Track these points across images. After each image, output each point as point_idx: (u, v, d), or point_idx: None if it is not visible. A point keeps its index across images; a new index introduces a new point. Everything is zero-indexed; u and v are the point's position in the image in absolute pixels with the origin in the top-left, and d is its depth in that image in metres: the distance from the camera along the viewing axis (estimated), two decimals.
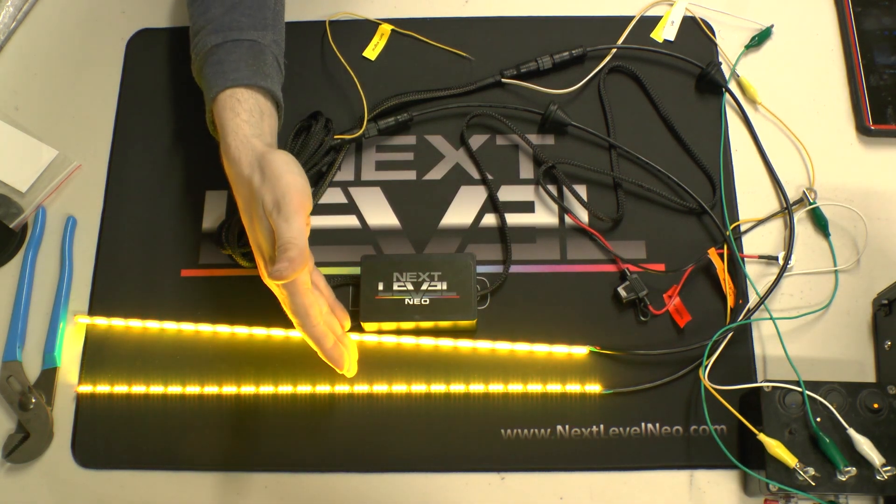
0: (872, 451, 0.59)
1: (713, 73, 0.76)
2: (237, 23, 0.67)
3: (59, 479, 0.67)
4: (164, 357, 0.69)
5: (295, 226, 0.59)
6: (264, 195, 0.60)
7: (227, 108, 0.64)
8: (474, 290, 0.67)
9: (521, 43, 0.79)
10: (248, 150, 0.62)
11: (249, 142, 0.63)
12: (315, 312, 0.61)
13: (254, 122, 0.64)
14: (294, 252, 0.57)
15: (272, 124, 0.66)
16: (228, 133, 0.63)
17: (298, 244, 0.58)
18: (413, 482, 0.66)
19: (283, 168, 0.61)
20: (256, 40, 0.67)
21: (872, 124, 0.75)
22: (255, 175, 0.61)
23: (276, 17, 0.70)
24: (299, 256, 0.57)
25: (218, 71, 0.65)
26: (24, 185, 0.74)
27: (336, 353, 0.63)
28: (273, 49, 0.68)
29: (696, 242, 0.72)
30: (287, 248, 0.58)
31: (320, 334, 0.62)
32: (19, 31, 0.82)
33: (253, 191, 0.61)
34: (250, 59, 0.66)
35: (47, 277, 0.72)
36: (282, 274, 0.57)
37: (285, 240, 0.58)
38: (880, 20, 0.80)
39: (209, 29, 0.67)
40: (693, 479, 0.66)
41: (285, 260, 0.57)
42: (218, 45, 0.66)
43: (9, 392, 0.68)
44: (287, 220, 0.59)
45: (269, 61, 0.67)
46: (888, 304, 0.67)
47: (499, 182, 0.75)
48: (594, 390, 0.67)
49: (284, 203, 0.59)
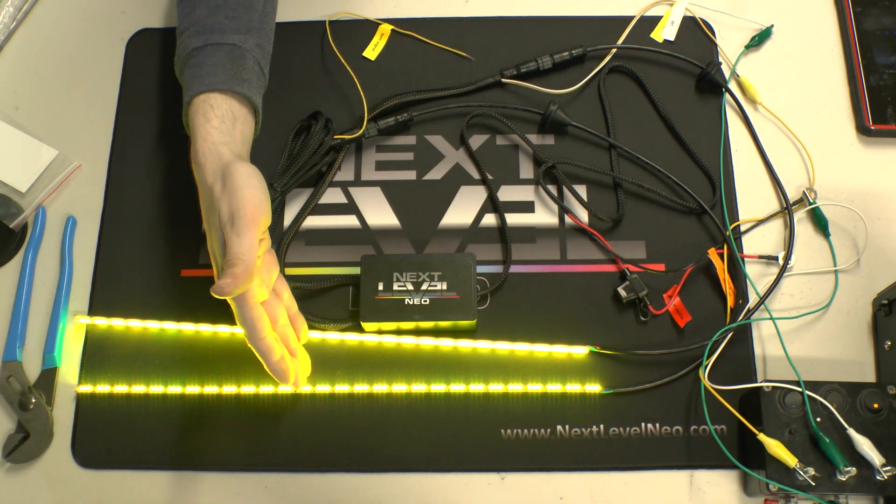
0: (872, 451, 0.59)
1: (713, 73, 0.76)
2: (220, 25, 0.66)
3: (59, 479, 0.67)
4: (164, 357, 0.69)
5: (245, 241, 0.58)
6: (221, 206, 0.60)
7: (199, 113, 0.63)
8: (474, 290, 0.67)
9: (521, 43, 0.79)
10: (215, 157, 0.62)
11: (216, 149, 0.62)
12: (261, 326, 0.61)
13: (224, 128, 0.63)
14: (240, 269, 0.57)
15: (245, 131, 0.66)
16: (198, 138, 0.63)
17: (246, 260, 0.57)
18: (413, 482, 0.66)
19: (243, 181, 0.60)
20: (237, 44, 0.66)
21: (872, 124, 0.75)
22: (216, 184, 0.61)
23: (262, 21, 0.69)
24: (244, 273, 0.57)
25: (195, 74, 0.65)
26: (24, 185, 0.74)
27: (281, 367, 0.62)
28: (255, 53, 0.67)
29: (696, 242, 0.72)
30: (234, 263, 0.57)
31: (265, 348, 0.61)
32: (19, 31, 0.82)
33: (213, 200, 0.60)
34: (229, 64, 0.65)
35: (47, 277, 0.72)
36: (222, 290, 0.56)
37: (233, 254, 0.58)
38: (880, 20, 0.80)
39: (192, 31, 0.67)
40: (693, 479, 0.66)
41: (229, 276, 0.57)
42: (198, 49, 0.66)
43: (9, 392, 0.68)
44: (239, 235, 0.58)
45: (248, 66, 0.66)
46: (888, 304, 0.67)
47: (499, 182, 0.75)
48: (594, 390, 0.67)
49: (238, 216, 0.59)
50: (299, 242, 0.73)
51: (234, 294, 0.57)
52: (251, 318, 0.60)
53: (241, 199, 0.59)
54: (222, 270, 0.58)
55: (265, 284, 0.63)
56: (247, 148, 0.66)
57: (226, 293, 0.56)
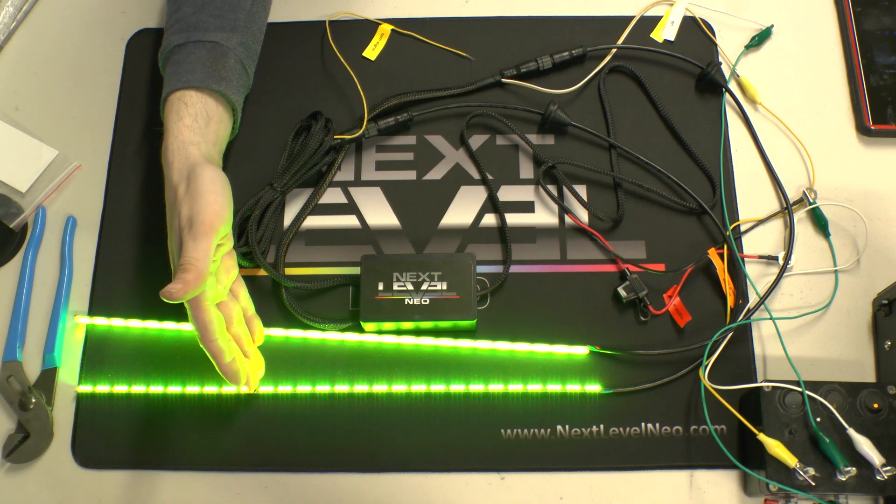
0: (872, 451, 0.59)
1: (713, 73, 0.76)
2: (203, 23, 0.66)
3: (59, 479, 0.67)
4: (164, 357, 0.69)
5: (200, 247, 0.58)
6: (182, 208, 0.60)
7: (172, 111, 0.63)
8: (474, 290, 0.67)
9: (521, 43, 0.79)
10: (182, 156, 0.62)
11: (185, 148, 0.62)
12: (213, 328, 0.61)
13: (197, 127, 0.63)
14: (191, 274, 0.57)
15: (219, 131, 0.66)
16: (168, 135, 0.63)
17: (198, 266, 0.57)
18: (413, 482, 0.66)
19: (207, 186, 0.60)
20: (219, 42, 0.66)
21: (872, 124, 0.75)
22: (181, 185, 0.61)
23: (249, 20, 0.69)
24: (195, 279, 0.57)
25: (174, 72, 0.65)
26: (24, 185, 0.74)
27: (232, 369, 0.62)
28: (238, 52, 0.67)
29: (696, 242, 0.72)
30: (186, 268, 0.57)
31: (216, 350, 0.61)
32: (19, 31, 0.82)
33: (175, 200, 0.60)
34: (209, 62, 0.65)
35: (47, 277, 0.72)
36: (171, 294, 0.56)
37: (186, 259, 0.58)
38: (880, 20, 0.80)
39: (175, 28, 0.67)
40: (693, 479, 0.66)
41: (180, 281, 0.57)
42: (180, 46, 0.66)
43: (9, 392, 0.68)
44: (195, 240, 0.58)
45: (229, 65, 0.66)
46: (888, 304, 0.67)
47: (499, 182, 0.75)
48: (594, 390, 0.68)
49: (197, 221, 0.59)
50: (299, 242, 0.73)
51: (183, 299, 0.57)
52: (203, 320, 0.60)
53: (202, 205, 0.59)
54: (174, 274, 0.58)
55: (222, 286, 0.63)
56: (219, 148, 0.66)
57: (174, 297, 0.57)
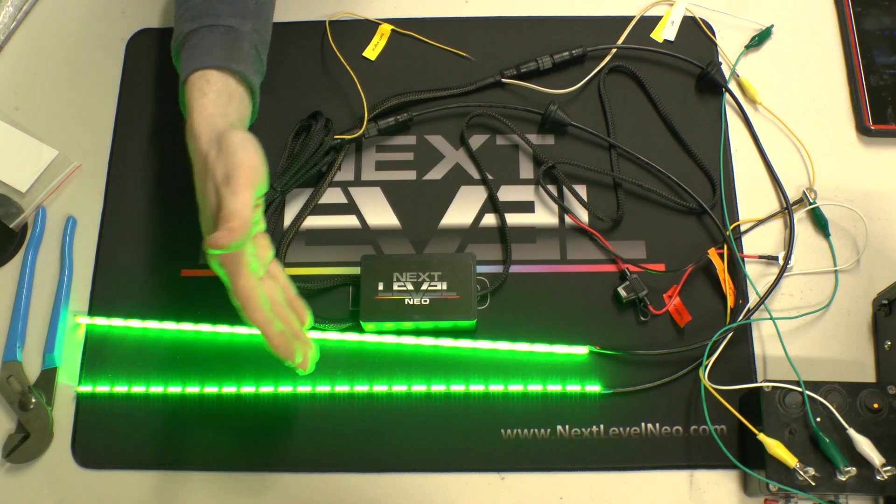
0: (872, 451, 0.59)
1: (713, 73, 0.76)
2: (214, 10, 0.66)
3: (59, 479, 0.67)
4: (164, 357, 0.69)
5: (241, 198, 0.57)
6: (216, 169, 0.59)
7: (195, 89, 0.63)
8: (474, 290, 0.67)
9: (521, 43, 0.79)
10: (210, 127, 0.61)
11: (212, 119, 0.62)
12: (258, 296, 0.59)
13: (221, 102, 0.63)
14: (235, 223, 0.56)
15: (241, 109, 0.65)
16: (193, 111, 0.62)
17: (241, 216, 0.57)
18: (413, 482, 0.66)
19: (238, 144, 0.60)
20: (233, 26, 0.66)
21: (872, 124, 0.75)
22: (211, 150, 0.60)
23: (259, 9, 0.69)
24: (240, 227, 0.56)
25: (191, 55, 0.65)
26: (24, 185, 0.74)
27: (281, 341, 0.59)
28: (252, 38, 0.67)
29: (696, 242, 0.72)
30: (229, 218, 0.56)
31: (263, 319, 0.58)
32: (19, 31, 0.82)
33: (207, 165, 0.60)
34: (225, 44, 0.65)
35: (47, 277, 0.72)
36: (217, 241, 0.55)
37: (228, 210, 0.57)
38: (880, 20, 0.80)
39: (187, 16, 0.67)
40: (693, 479, 0.66)
41: (225, 229, 0.56)
42: (193, 31, 0.65)
43: (9, 392, 0.68)
44: (234, 193, 0.57)
45: (244, 48, 0.66)
46: (888, 304, 0.67)
47: (499, 182, 0.75)
48: (594, 390, 0.68)
49: (234, 176, 0.58)
50: (299, 242, 0.73)
51: (229, 247, 0.56)
52: (246, 286, 0.58)
53: (237, 160, 0.59)
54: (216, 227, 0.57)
55: (259, 261, 0.61)
56: (242, 127, 0.65)
57: (220, 244, 0.55)
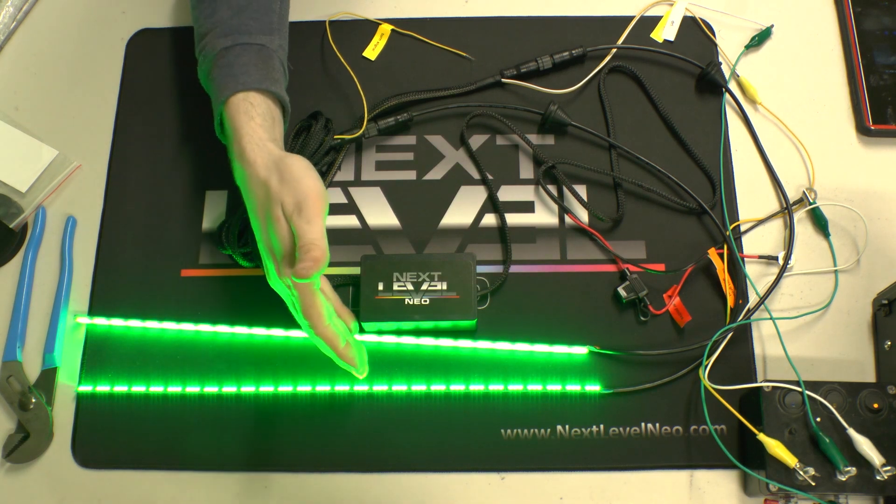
0: (872, 451, 0.59)
1: (713, 73, 0.76)
2: (246, 26, 0.67)
3: (59, 479, 0.67)
4: (164, 357, 0.69)
5: (316, 227, 0.60)
6: (284, 197, 0.61)
7: (240, 112, 0.64)
8: (474, 290, 0.67)
9: (521, 43, 0.79)
10: (265, 153, 0.63)
11: (266, 145, 0.63)
12: (326, 314, 0.62)
13: (267, 126, 0.64)
14: (318, 252, 0.58)
15: (281, 130, 0.67)
16: (244, 136, 0.63)
17: (321, 245, 0.59)
18: (413, 482, 0.66)
19: (302, 172, 0.62)
20: (265, 45, 0.67)
21: (872, 124, 0.75)
22: (272, 177, 0.61)
23: (281, 21, 0.70)
24: (322, 256, 0.59)
25: (228, 74, 0.65)
26: (24, 185, 0.74)
27: (350, 353, 0.64)
28: (279, 54, 0.69)
29: (696, 242, 0.72)
30: (310, 248, 0.59)
31: (332, 335, 0.63)
32: (19, 31, 0.82)
33: (270, 193, 0.61)
34: (260, 64, 0.66)
35: (47, 277, 0.72)
36: (307, 272, 0.58)
37: (308, 240, 0.59)
38: (880, 20, 0.80)
39: (217, 32, 0.67)
40: (693, 479, 0.66)
41: (309, 260, 0.58)
42: (227, 49, 0.66)
43: (9, 392, 0.68)
44: (309, 222, 0.60)
45: (276, 66, 0.67)
46: (888, 304, 0.67)
47: (499, 182, 0.75)
48: (594, 390, 0.67)
49: (306, 206, 0.60)
50: None
51: (315, 277, 0.58)
52: (318, 305, 0.61)
53: (306, 189, 0.61)
54: (290, 259, 0.60)
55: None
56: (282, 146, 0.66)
57: (308, 274, 0.58)
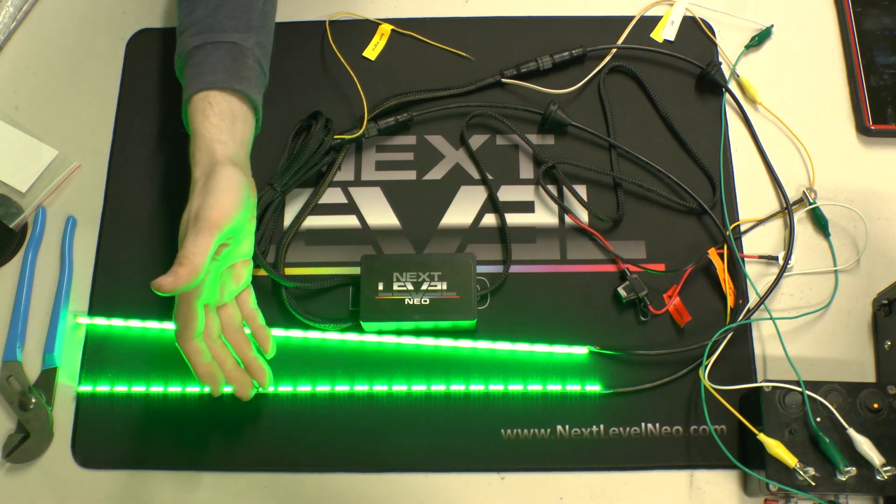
0: (872, 451, 0.59)
1: (713, 73, 0.76)
2: (220, 24, 0.66)
3: (59, 479, 0.67)
4: (164, 357, 0.69)
5: (199, 242, 0.58)
6: (193, 202, 0.60)
7: (198, 111, 0.64)
8: (474, 290, 0.67)
9: (521, 43, 0.79)
10: (208, 155, 0.62)
11: (211, 146, 0.62)
12: (194, 326, 0.61)
13: (224, 126, 0.64)
14: (184, 269, 0.57)
15: (245, 130, 0.66)
16: (196, 135, 0.63)
17: (193, 262, 0.57)
18: (413, 482, 0.66)
19: (221, 183, 0.60)
20: (237, 42, 0.66)
21: (872, 124, 0.75)
22: (200, 181, 0.61)
23: (263, 20, 0.69)
24: (187, 274, 0.57)
25: (195, 73, 0.65)
26: (24, 185, 0.74)
27: (206, 371, 0.62)
28: (255, 52, 0.67)
29: (696, 242, 0.72)
30: (181, 262, 0.57)
31: (192, 349, 0.61)
32: (19, 31, 0.82)
33: (192, 194, 0.61)
34: (229, 62, 0.65)
35: (47, 277, 0.72)
36: (161, 286, 0.56)
37: (183, 253, 0.58)
38: (880, 20, 0.80)
39: (192, 31, 0.67)
40: (693, 479, 0.66)
41: (172, 274, 0.57)
42: (198, 47, 0.66)
43: (9, 392, 0.68)
44: (195, 235, 0.58)
45: (248, 64, 0.66)
46: (888, 304, 0.67)
47: (499, 182, 0.75)
48: (594, 390, 0.67)
49: (201, 217, 0.59)
50: (299, 242, 0.73)
51: (173, 292, 0.57)
52: (185, 316, 0.61)
53: (211, 201, 0.59)
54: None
55: (226, 291, 0.64)
56: (245, 148, 0.66)
57: (164, 290, 0.56)
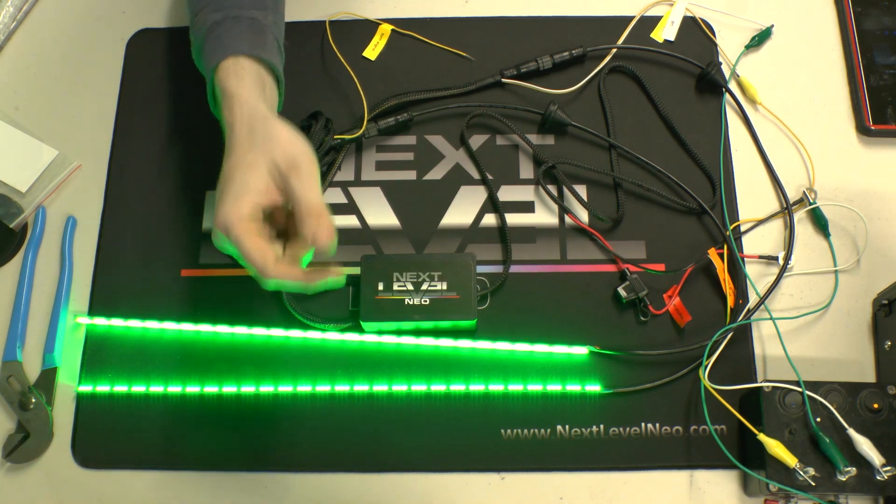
0: (872, 451, 0.59)
1: (713, 73, 0.76)
2: (237, 2, 0.66)
3: (59, 479, 0.67)
4: (164, 357, 0.69)
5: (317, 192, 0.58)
6: (275, 153, 0.58)
7: (231, 75, 0.62)
8: (474, 290, 0.67)
9: (521, 43, 0.79)
10: (252, 110, 0.60)
11: (253, 104, 0.61)
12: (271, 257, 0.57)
13: (257, 91, 0.63)
14: (327, 220, 0.57)
15: (273, 98, 0.65)
16: (231, 97, 0.61)
17: (326, 212, 0.57)
18: (413, 482, 0.66)
19: (292, 135, 0.59)
20: (257, 18, 0.66)
21: (872, 124, 0.75)
22: (256, 137, 0.59)
23: (275, 2, 0.69)
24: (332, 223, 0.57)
25: (218, 45, 0.64)
26: (24, 185, 0.74)
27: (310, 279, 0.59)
28: (273, 30, 0.67)
29: (696, 242, 0.72)
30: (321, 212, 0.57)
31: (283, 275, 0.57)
32: (19, 31, 0.82)
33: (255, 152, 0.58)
34: (251, 35, 0.65)
35: (47, 277, 0.72)
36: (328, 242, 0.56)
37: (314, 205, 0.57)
38: (880, 20, 0.80)
39: (209, 8, 0.66)
40: (693, 479, 0.66)
41: (324, 227, 0.56)
42: (218, 22, 0.65)
43: (9, 392, 0.68)
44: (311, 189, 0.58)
45: (269, 39, 0.66)
46: (888, 304, 0.67)
47: (499, 182, 0.75)
48: (594, 390, 0.67)
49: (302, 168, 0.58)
50: None
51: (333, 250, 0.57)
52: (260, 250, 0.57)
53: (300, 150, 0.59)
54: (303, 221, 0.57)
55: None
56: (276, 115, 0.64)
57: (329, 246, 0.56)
